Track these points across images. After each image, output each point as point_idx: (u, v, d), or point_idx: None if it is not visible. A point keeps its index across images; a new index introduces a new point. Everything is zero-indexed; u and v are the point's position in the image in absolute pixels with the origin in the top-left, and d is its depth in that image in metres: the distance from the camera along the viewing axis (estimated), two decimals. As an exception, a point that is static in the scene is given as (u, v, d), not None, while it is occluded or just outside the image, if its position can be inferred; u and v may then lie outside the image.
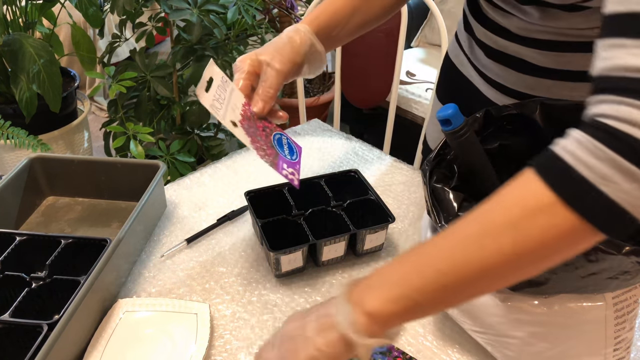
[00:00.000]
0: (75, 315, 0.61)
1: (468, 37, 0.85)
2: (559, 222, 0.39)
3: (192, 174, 1.00)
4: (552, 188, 0.39)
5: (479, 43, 0.81)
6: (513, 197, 0.42)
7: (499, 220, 0.41)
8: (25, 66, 1.70)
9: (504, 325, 0.59)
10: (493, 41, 0.77)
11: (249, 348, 0.67)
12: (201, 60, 1.73)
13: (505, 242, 0.41)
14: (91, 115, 2.74)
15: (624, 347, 0.59)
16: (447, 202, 0.57)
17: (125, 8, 1.66)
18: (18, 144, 1.68)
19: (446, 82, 0.97)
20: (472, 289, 0.44)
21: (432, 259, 0.44)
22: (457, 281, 0.43)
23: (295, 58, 0.69)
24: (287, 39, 0.70)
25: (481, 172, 0.64)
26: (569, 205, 0.38)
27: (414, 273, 0.45)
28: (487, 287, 0.46)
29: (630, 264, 0.50)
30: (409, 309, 0.45)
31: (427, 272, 0.44)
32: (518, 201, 0.41)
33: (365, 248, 0.79)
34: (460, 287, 0.44)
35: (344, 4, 0.75)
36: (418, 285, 0.44)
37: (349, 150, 1.07)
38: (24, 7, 1.90)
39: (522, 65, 0.75)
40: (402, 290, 0.44)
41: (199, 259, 0.80)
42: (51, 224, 0.87)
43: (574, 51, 0.71)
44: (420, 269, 0.45)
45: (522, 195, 0.41)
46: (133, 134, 1.65)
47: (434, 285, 0.44)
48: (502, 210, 0.42)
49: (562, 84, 0.74)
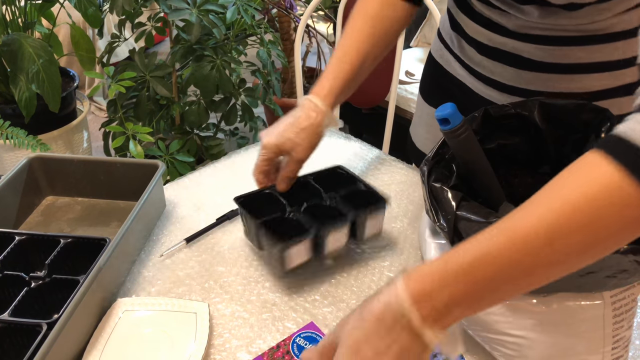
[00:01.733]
0: (74, 315, 0.61)
1: (456, 36, 0.85)
2: (633, 199, 0.40)
3: (191, 173, 1.00)
4: (625, 165, 0.40)
5: (471, 40, 0.81)
6: (582, 178, 0.43)
7: (573, 197, 0.42)
8: (24, 66, 1.70)
9: (502, 324, 0.59)
10: (488, 38, 0.77)
11: (248, 347, 0.67)
12: (200, 60, 1.73)
13: (580, 222, 0.41)
14: (90, 115, 2.74)
15: (623, 346, 0.59)
16: (445, 201, 0.57)
17: (124, 8, 1.66)
18: (17, 144, 1.68)
19: (432, 82, 0.98)
20: (541, 275, 0.44)
21: (499, 247, 0.44)
22: (530, 265, 0.43)
23: (313, 140, 0.75)
24: (307, 119, 0.74)
25: (480, 172, 0.64)
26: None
27: (479, 264, 0.44)
28: (555, 273, 0.45)
29: (628, 262, 0.50)
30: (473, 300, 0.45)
31: (496, 260, 0.44)
32: (589, 180, 0.42)
33: (367, 235, 0.78)
34: (529, 273, 0.44)
35: (355, 59, 0.76)
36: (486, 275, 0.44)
37: (348, 150, 1.07)
38: (23, 7, 1.90)
39: (519, 61, 0.76)
40: (469, 278, 0.44)
41: (198, 258, 0.81)
42: (50, 224, 0.87)
43: (571, 45, 0.72)
44: (486, 259, 0.44)
45: (593, 175, 0.42)
46: (132, 133, 1.65)
47: (501, 275, 0.44)
48: (573, 190, 0.42)
49: (559, 77, 0.75)
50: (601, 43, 0.71)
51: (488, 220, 0.53)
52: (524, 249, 0.43)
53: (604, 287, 0.55)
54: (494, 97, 0.81)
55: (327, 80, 0.76)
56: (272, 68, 1.96)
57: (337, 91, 0.76)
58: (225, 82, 1.75)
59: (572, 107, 0.65)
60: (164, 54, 2.15)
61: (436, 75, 0.94)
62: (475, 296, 0.45)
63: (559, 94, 0.76)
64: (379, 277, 0.77)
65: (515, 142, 0.69)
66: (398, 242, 0.84)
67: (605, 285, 0.54)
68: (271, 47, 1.94)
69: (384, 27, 0.78)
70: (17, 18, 1.89)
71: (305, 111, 0.75)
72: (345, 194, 0.80)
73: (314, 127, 0.75)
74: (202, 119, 1.85)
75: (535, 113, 0.66)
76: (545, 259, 0.43)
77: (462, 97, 0.86)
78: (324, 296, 0.74)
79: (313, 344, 0.66)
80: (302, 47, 1.99)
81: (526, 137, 0.68)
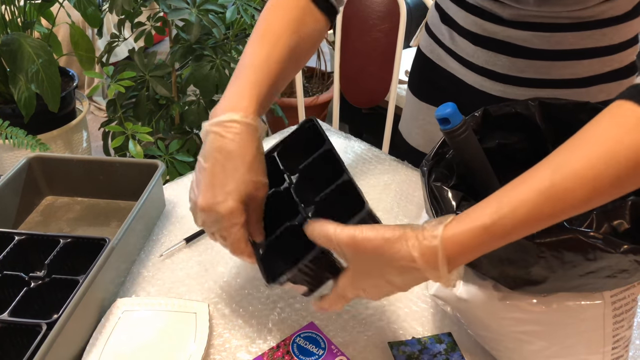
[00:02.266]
0: (74, 315, 0.61)
1: (448, 29, 0.85)
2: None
3: (191, 173, 1.00)
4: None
5: (464, 32, 0.81)
6: (611, 122, 0.45)
7: (606, 138, 0.44)
8: (23, 66, 1.70)
9: (502, 324, 0.59)
10: (482, 28, 0.79)
11: (248, 347, 0.67)
12: (200, 60, 1.73)
13: (616, 161, 0.43)
14: (90, 115, 2.74)
15: (623, 346, 0.59)
16: (446, 200, 0.57)
17: (124, 8, 1.65)
18: (17, 144, 1.68)
19: (421, 77, 0.98)
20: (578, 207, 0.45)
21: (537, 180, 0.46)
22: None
23: (263, 164, 0.59)
24: (244, 147, 0.56)
25: (480, 171, 0.64)
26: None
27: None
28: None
29: (628, 262, 0.50)
30: None
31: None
32: (617, 123, 0.44)
33: None
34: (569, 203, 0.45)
35: (277, 64, 0.62)
36: None
37: (347, 150, 1.07)
38: (23, 7, 1.90)
39: (513, 49, 0.78)
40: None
41: (198, 258, 0.80)
42: (50, 224, 0.87)
43: (565, 31, 0.75)
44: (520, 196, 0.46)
45: (620, 119, 0.44)
46: (132, 133, 1.65)
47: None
48: (605, 132, 0.44)
49: (552, 64, 0.78)
50: (591, 29, 0.74)
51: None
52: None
53: (603, 287, 0.55)
54: (487, 87, 0.83)
55: (249, 86, 0.59)
56: (271, 68, 1.95)
57: (264, 97, 0.60)
58: (224, 82, 1.75)
59: (572, 106, 0.65)
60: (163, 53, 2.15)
61: (426, 70, 0.94)
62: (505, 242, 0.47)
63: (551, 80, 0.78)
64: (379, 277, 0.77)
65: (515, 141, 0.69)
66: (398, 242, 0.84)
67: (605, 285, 0.54)
68: (271, 46, 1.93)
69: (306, 33, 0.66)
70: (17, 18, 1.89)
71: (236, 139, 0.56)
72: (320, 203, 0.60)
73: (257, 150, 0.58)
74: (202, 119, 1.84)
75: (535, 112, 0.66)
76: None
77: (454, 90, 0.88)
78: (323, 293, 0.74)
79: (313, 344, 0.66)
80: (301, 47, 1.99)
81: (526, 137, 0.68)
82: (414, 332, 0.69)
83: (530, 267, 0.52)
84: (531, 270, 0.52)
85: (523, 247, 0.51)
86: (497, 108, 0.67)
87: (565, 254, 0.50)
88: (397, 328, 0.69)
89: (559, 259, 0.50)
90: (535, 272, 0.52)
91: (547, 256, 0.50)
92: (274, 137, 1.11)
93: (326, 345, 0.66)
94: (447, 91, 0.89)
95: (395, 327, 0.69)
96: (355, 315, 0.71)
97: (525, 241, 0.50)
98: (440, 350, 0.66)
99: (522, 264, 0.52)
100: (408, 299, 0.73)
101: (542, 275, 0.53)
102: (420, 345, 0.66)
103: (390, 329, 0.69)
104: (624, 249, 0.49)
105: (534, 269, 0.52)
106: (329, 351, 0.65)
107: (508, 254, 0.52)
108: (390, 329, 0.69)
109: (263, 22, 0.65)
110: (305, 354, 0.65)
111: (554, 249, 0.50)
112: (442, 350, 0.66)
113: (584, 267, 0.51)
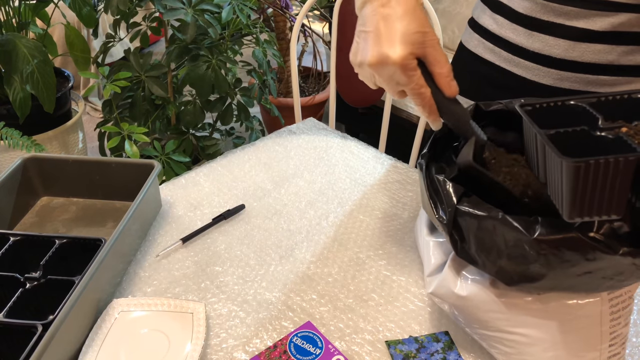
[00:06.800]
0: (70, 316, 0.61)
1: (497, 19, 0.84)
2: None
3: (187, 173, 1.00)
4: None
5: (520, 18, 0.80)
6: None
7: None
8: (18, 67, 1.70)
9: (499, 322, 0.59)
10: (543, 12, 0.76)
11: (245, 347, 0.67)
12: (196, 60, 1.73)
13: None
14: (85, 115, 2.73)
15: (620, 343, 0.59)
16: (446, 193, 0.57)
17: (119, 8, 1.65)
18: (12, 145, 1.68)
19: (471, 74, 0.94)
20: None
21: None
22: None
23: (420, 10, 0.58)
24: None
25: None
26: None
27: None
28: None
29: (625, 265, 0.50)
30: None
31: None
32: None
33: None
34: None
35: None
36: None
37: (344, 149, 1.07)
38: (18, 8, 1.89)
39: (573, 32, 0.75)
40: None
41: (195, 258, 0.80)
42: (45, 224, 0.87)
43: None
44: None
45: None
46: (128, 134, 1.64)
47: None
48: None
49: (612, 48, 0.73)
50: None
51: (489, 214, 0.53)
52: None
53: (598, 288, 0.55)
54: (541, 74, 0.80)
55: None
56: (267, 68, 1.95)
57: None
58: (220, 82, 1.75)
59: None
60: (159, 53, 2.15)
61: (474, 67, 0.91)
62: None
63: (608, 66, 0.74)
64: (376, 276, 0.77)
65: (506, 137, 0.69)
66: (395, 241, 0.84)
67: (600, 286, 0.54)
68: (267, 46, 1.94)
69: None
70: (12, 18, 1.88)
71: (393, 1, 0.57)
72: None
73: (417, 2, 0.57)
74: (198, 119, 1.84)
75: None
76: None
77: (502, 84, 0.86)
78: (321, 295, 0.74)
79: (310, 344, 0.66)
80: (297, 47, 1.99)
81: (516, 134, 0.68)
82: (411, 330, 0.69)
83: (529, 264, 0.52)
84: (530, 267, 0.52)
85: (524, 243, 0.51)
86: (488, 104, 0.67)
87: (565, 252, 0.50)
88: (394, 327, 0.69)
89: (559, 257, 0.50)
90: (534, 268, 0.52)
91: (547, 253, 0.50)
92: (270, 137, 1.11)
93: (323, 345, 0.66)
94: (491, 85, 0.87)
95: (392, 326, 0.69)
96: (352, 315, 0.71)
97: (527, 237, 0.50)
98: (438, 349, 0.66)
99: (522, 260, 0.52)
100: (405, 298, 0.73)
101: (540, 273, 0.53)
102: (418, 344, 0.67)
103: (388, 327, 0.69)
104: (623, 252, 0.49)
105: (533, 265, 0.52)
106: (326, 350, 0.65)
107: (508, 249, 0.52)
108: (388, 328, 0.69)
109: None
110: (303, 353, 0.65)
111: (555, 247, 0.50)
112: (440, 349, 0.66)
113: (582, 267, 0.51)
